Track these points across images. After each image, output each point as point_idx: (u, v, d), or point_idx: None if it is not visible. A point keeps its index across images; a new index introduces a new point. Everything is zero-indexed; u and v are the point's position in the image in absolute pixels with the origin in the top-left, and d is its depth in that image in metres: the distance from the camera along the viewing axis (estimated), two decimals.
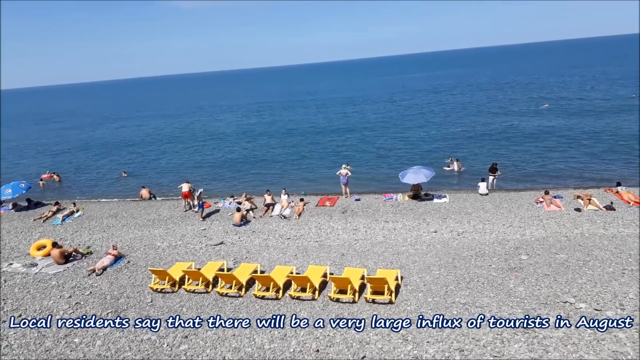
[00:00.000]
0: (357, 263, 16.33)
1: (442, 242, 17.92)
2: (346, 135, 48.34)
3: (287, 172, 35.37)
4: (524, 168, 30.77)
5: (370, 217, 22.03)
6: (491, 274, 14.43)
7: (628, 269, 13.94)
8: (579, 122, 43.48)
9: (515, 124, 45.52)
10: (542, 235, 17.79)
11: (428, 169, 24.74)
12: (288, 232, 20.59)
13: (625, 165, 29.20)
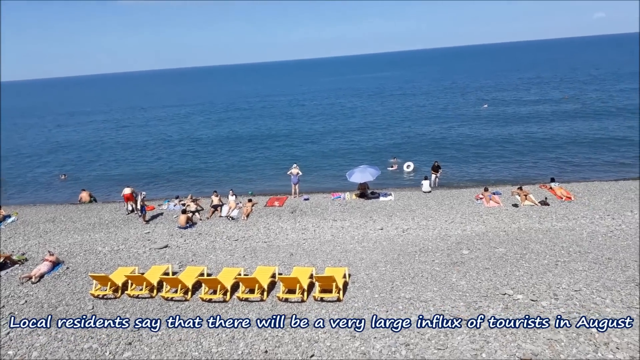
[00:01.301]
0: (306, 262, 16.41)
1: (388, 239, 18.32)
2: (294, 136, 48.39)
3: (235, 172, 35.01)
4: (464, 166, 31.93)
5: (319, 216, 22.18)
6: (434, 268, 14.90)
7: (561, 261, 14.76)
8: (517, 122, 45.55)
9: (455, 124, 47.17)
10: (482, 230, 18.54)
11: (374, 168, 25.21)
12: (236, 233, 20.37)
13: (557, 163, 30.89)
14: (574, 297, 12.25)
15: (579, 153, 32.68)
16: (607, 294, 12.33)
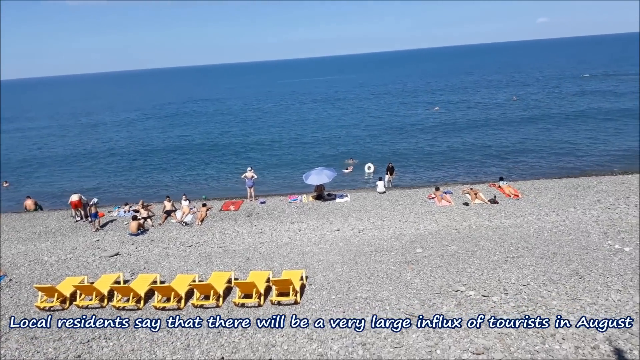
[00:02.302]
0: (263, 266, 16.27)
1: (345, 240, 18.43)
2: (248, 138, 47.89)
3: (188, 177, 34.29)
4: (417, 166, 32.61)
5: (275, 219, 22.05)
6: (390, 267, 15.11)
7: (510, 257, 15.30)
8: (467, 123, 46.90)
9: (408, 125, 48.11)
10: (434, 229, 18.97)
11: (330, 170, 25.32)
12: (190, 239, 19.96)
13: (505, 162, 32.05)
14: (522, 292, 12.72)
15: (526, 152, 34.02)
16: (553, 287, 12.88)
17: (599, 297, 12.11)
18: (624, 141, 34.74)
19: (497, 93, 69.68)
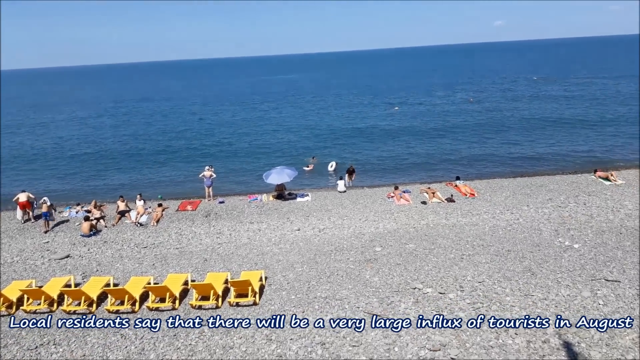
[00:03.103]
0: (221, 267, 16.01)
1: (305, 240, 18.37)
2: (206, 137, 47.02)
3: (142, 175, 33.32)
4: (377, 166, 32.91)
5: (234, 219, 21.75)
6: (349, 266, 15.16)
7: (466, 254, 15.63)
8: (425, 123, 47.70)
9: (368, 125, 48.53)
10: (393, 228, 19.17)
11: (291, 169, 25.20)
12: (145, 240, 19.40)
13: (461, 162, 32.80)
14: (478, 288, 13.01)
15: (481, 152, 34.91)
16: (507, 283, 13.23)
17: (550, 293, 12.52)
18: (572, 145, 36.15)
19: (454, 94, 71.25)
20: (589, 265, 14.12)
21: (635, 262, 14.15)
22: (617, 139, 36.42)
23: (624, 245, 15.65)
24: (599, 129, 40.39)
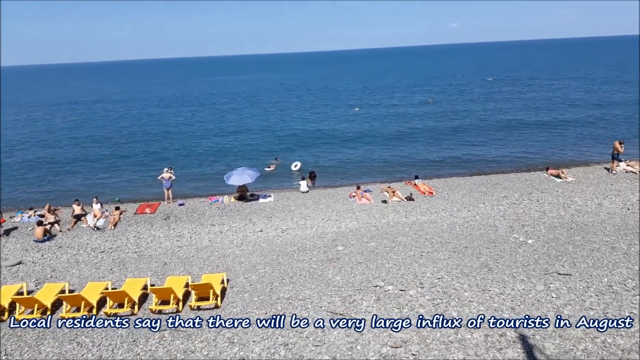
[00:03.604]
0: (182, 271, 15.74)
1: (268, 241, 18.29)
2: (165, 138, 46.05)
3: (98, 178, 32.31)
4: (339, 166, 33.13)
5: (195, 221, 21.43)
6: (312, 266, 15.20)
7: (425, 251, 15.94)
8: (385, 125, 48.27)
9: (329, 126, 48.81)
10: (355, 227, 19.36)
11: (252, 170, 25.03)
12: (102, 244, 18.85)
13: (419, 161, 33.46)
14: (437, 285, 13.30)
15: (439, 151, 35.72)
16: (465, 279, 13.58)
17: (506, 287, 12.93)
18: (525, 144, 37.48)
19: (413, 95, 72.55)
20: (542, 260, 14.67)
21: (585, 256, 14.80)
22: (566, 138, 37.98)
23: (575, 239, 16.35)
24: (549, 128, 42.00)
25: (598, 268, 13.87)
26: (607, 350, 9.98)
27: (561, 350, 10.07)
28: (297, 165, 32.06)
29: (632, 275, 13.22)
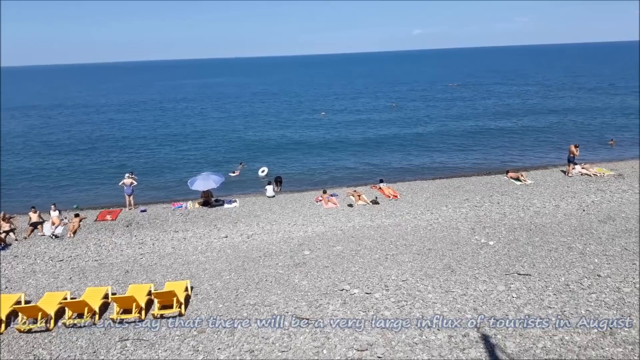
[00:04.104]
0: (144, 279, 15.38)
1: (233, 247, 18.10)
2: (126, 143, 44.94)
3: (56, 184, 31.23)
4: (305, 170, 33.16)
5: (158, 228, 21.00)
6: (278, 271, 15.14)
7: (390, 254, 16.13)
8: (351, 130, 48.58)
9: (295, 131, 48.83)
10: (321, 231, 19.40)
11: (217, 175, 24.74)
12: (61, 253, 18.22)
13: (385, 165, 33.87)
14: (402, 287, 13.47)
15: (403, 155, 36.25)
16: (429, 281, 13.81)
17: (469, 288, 13.22)
18: (485, 147, 38.49)
19: (378, 100, 73.41)
20: (503, 261, 15.07)
21: (544, 256, 15.29)
22: (525, 142, 39.15)
23: (534, 240, 16.86)
24: (509, 133, 43.25)
25: (556, 268, 14.35)
26: (564, 347, 10.33)
27: (521, 348, 10.36)
28: (264, 171, 31.89)
29: (588, 274, 13.75)
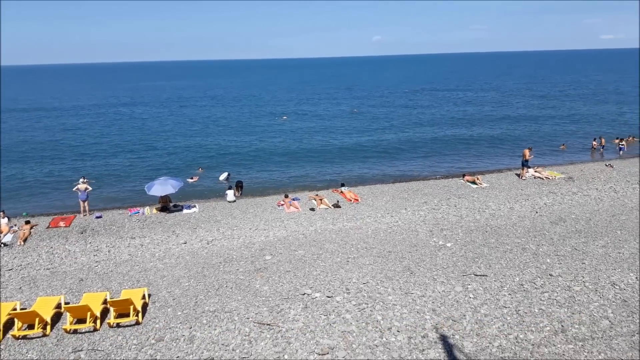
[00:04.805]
0: (99, 287, 14.90)
1: (192, 253, 17.78)
2: (80, 147, 43.44)
3: (5, 190, 29.85)
4: (267, 174, 33.00)
5: (114, 234, 20.41)
6: (239, 277, 14.97)
7: (351, 257, 16.25)
8: (312, 133, 48.78)
9: (256, 135, 48.54)
10: (283, 235, 19.34)
11: (175, 180, 24.32)
12: (10, 261, 17.42)
13: (345, 168, 34.14)
14: (362, 290, 13.59)
15: (364, 159, 36.65)
16: (389, 283, 13.99)
17: (427, 290, 13.47)
18: (443, 151, 39.43)
19: (339, 105, 73.95)
20: (460, 262, 15.45)
21: (499, 257, 15.77)
22: (481, 146, 40.39)
23: (489, 242, 17.36)
24: (466, 138, 44.49)
25: (510, 268, 14.82)
26: (519, 345, 10.66)
27: (478, 348, 10.63)
28: (225, 175, 31.51)
29: (540, 274, 14.26)
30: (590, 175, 27.96)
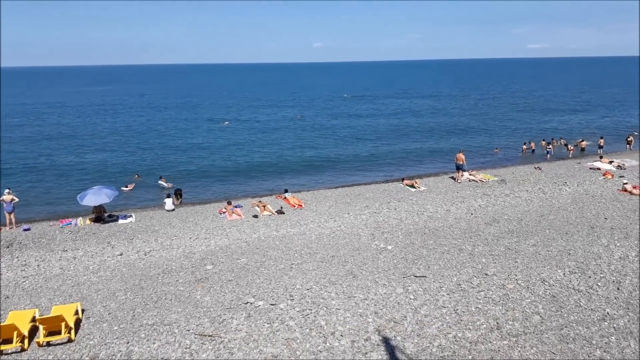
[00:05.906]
0: (27, 304, 13.98)
1: (128, 265, 17.08)
2: (4, 154, 40.87)
3: None
4: (208, 181, 32.39)
5: (44, 247, 19.27)
6: (178, 288, 14.54)
7: (295, 263, 16.20)
8: (254, 140, 48.36)
9: (198, 141, 47.64)
10: (225, 244, 18.99)
11: (110, 189, 23.35)
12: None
13: (288, 174, 34.17)
14: (306, 296, 13.57)
15: (307, 164, 36.85)
16: (332, 288, 14.07)
17: (369, 292, 13.66)
18: (382, 155, 40.34)
19: (282, 111, 73.96)
20: (400, 264, 15.79)
21: (437, 258, 16.27)
22: (418, 150, 41.72)
23: (428, 244, 17.88)
24: (404, 141, 45.81)
25: (448, 269, 15.32)
26: (457, 344, 11.01)
27: (419, 348, 10.89)
28: (162, 182, 30.58)
29: (476, 274, 14.83)
30: (521, 177, 29.50)
